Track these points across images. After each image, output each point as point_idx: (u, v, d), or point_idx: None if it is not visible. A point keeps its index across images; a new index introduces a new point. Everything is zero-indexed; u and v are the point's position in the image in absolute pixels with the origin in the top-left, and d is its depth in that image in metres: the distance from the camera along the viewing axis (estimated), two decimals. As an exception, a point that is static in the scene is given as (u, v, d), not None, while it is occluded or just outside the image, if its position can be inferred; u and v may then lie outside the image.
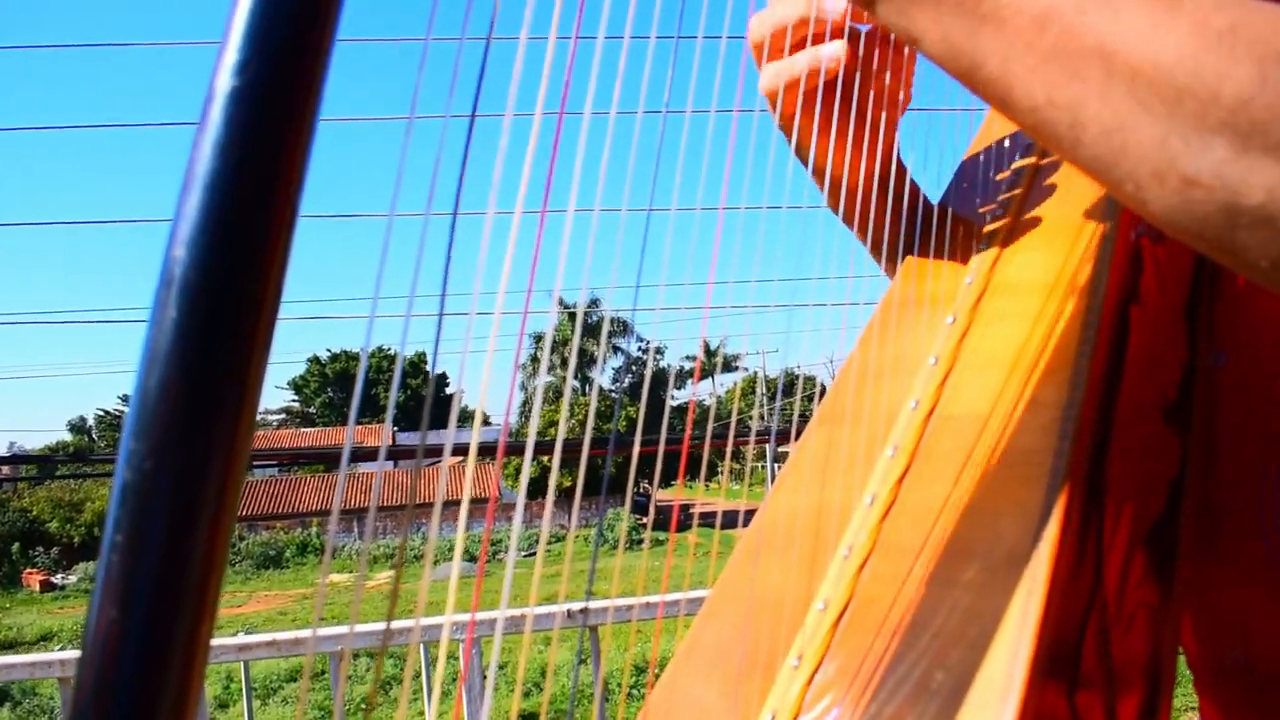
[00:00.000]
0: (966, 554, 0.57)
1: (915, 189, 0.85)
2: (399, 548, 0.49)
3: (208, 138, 0.36)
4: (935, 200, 0.86)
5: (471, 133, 0.47)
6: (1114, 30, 0.43)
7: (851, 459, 0.69)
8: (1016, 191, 0.79)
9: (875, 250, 0.90)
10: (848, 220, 0.86)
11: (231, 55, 0.38)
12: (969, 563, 0.57)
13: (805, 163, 0.80)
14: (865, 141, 0.78)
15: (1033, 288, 0.68)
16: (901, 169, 0.83)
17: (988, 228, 0.78)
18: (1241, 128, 0.40)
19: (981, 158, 0.86)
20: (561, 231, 0.55)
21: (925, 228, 0.84)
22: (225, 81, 0.37)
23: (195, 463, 0.32)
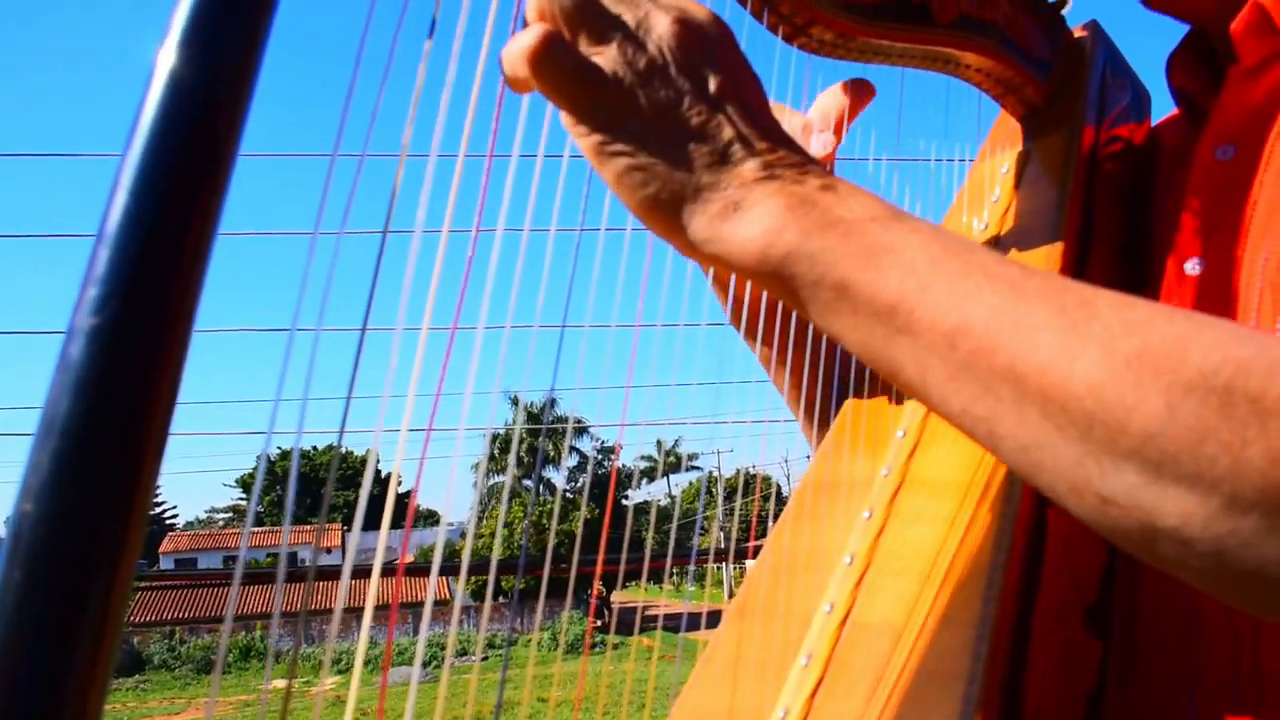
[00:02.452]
0: (876, 789, 0.54)
1: None
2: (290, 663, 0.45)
3: (65, 379, 0.33)
4: None
5: (383, 249, 0.45)
6: (1024, 353, 0.43)
7: (764, 663, 0.66)
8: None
9: (778, 375, 0.88)
10: (749, 337, 0.83)
11: (92, 290, 0.35)
12: (878, 800, 0.53)
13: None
14: None
15: (949, 486, 0.66)
16: None
17: (905, 406, 0.76)
18: (1151, 458, 0.40)
19: None
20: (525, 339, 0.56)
21: (844, 374, 0.82)
22: (84, 319, 0.35)
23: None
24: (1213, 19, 0.79)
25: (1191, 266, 0.73)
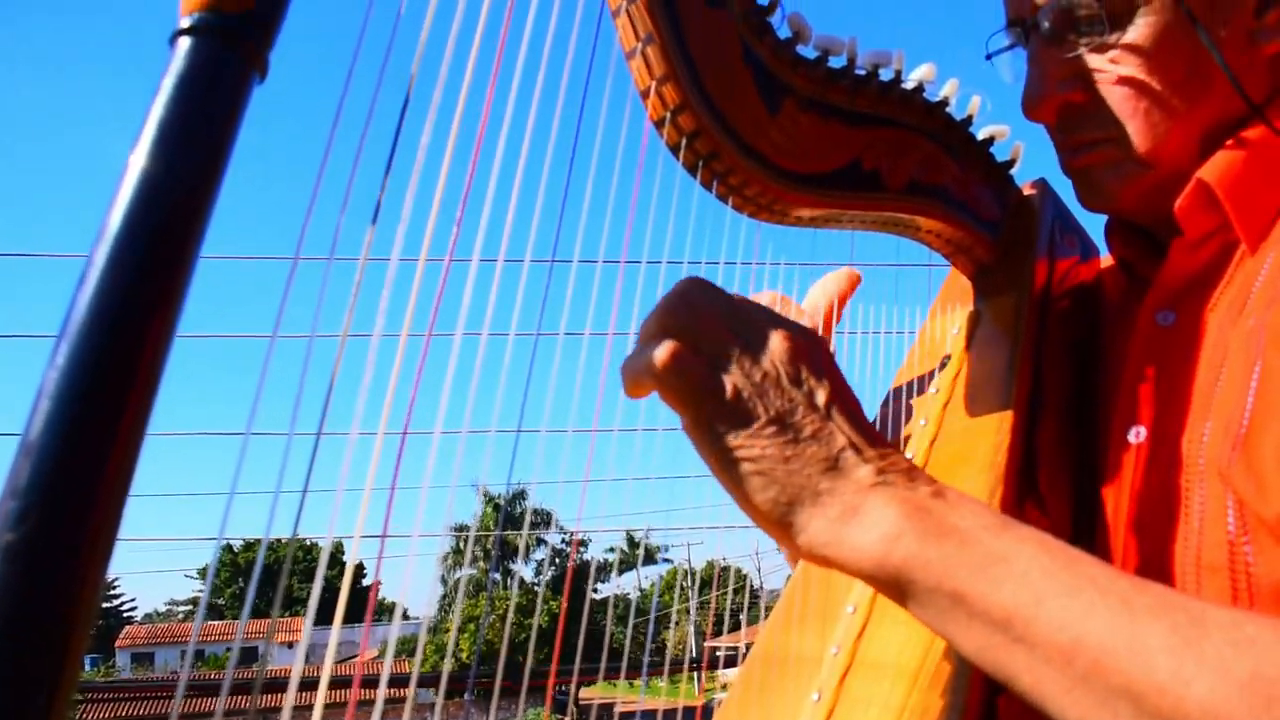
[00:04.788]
0: None
1: None
2: None
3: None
4: None
5: (340, 355, 0.47)
6: (1141, 673, 0.45)
7: None
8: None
9: None
10: None
11: (11, 502, 0.34)
12: None
13: None
14: None
15: (898, 670, 0.65)
16: None
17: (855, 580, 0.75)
18: None
19: None
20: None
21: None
22: (2, 533, 0.34)
23: None
24: (1147, 211, 0.83)
25: (1134, 434, 0.74)
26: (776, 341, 0.56)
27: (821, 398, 0.55)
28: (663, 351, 0.53)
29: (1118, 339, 0.84)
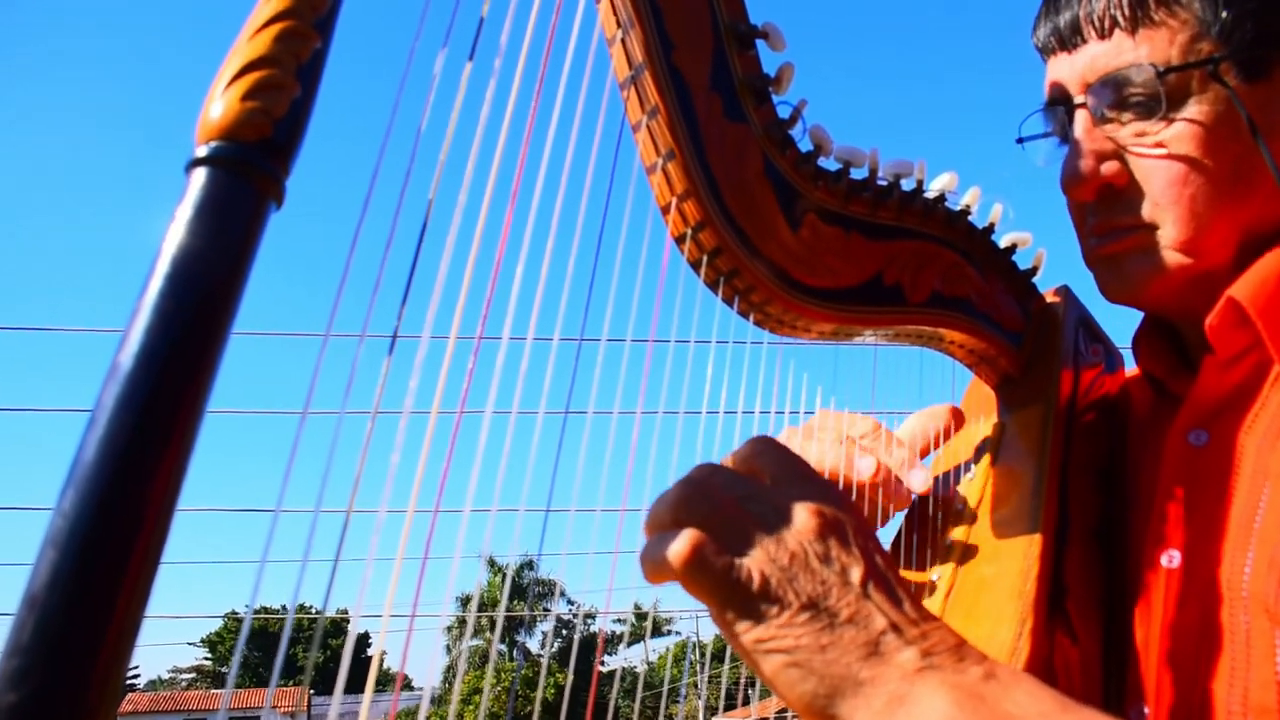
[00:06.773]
0: None
1: None
2: None
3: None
4: None
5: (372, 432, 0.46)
6: None
7: None
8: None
9: None
10: None
11: (14, 660, 0.33)
12: None
13: None
14: None
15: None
16: None
17: None
18: None
19: None
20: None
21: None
22: (3, 694, 0.32)
23: None
24: (1173, 308, 0.81)
25: (1168, 559, 0.72)
26: (802, 519, 0.53)
27: (856, 575, 0.52)
28: (683, 545, 0.50)
29: (1146, 457, 0.82)
